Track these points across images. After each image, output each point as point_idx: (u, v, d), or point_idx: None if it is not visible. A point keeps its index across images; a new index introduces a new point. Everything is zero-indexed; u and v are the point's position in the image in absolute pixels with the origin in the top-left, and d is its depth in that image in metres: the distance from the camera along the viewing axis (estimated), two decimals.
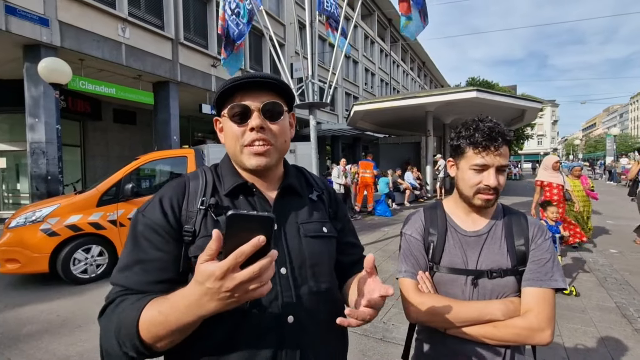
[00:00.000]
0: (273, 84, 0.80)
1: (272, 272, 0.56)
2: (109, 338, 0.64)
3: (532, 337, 0.89)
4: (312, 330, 0.78)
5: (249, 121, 0.78)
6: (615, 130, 25.07)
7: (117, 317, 0.64)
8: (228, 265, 0.51)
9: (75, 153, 11.35)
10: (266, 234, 0.53)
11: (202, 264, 0.54)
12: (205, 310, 0.56)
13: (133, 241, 0.74)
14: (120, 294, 0.69)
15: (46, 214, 4.31)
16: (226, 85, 0.78)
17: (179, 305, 0.58)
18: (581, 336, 2.88)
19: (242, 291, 0.54)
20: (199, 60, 11.19)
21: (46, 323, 3.36)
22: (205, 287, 0.54)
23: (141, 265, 0.71)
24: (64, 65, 5.79)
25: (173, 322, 0.58)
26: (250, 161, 0.80)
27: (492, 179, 0.95)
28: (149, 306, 0.63)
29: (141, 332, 0.60)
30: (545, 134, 69.78)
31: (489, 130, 0.95)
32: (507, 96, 11.51)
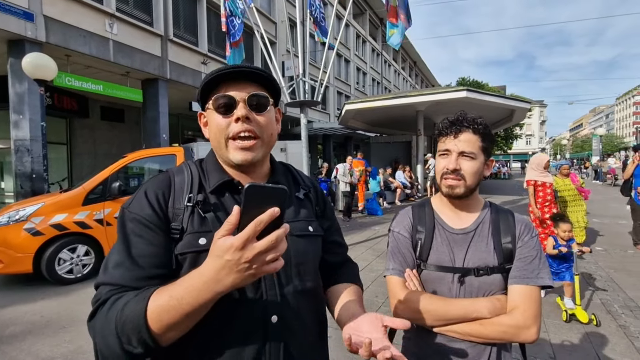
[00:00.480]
0: (259, 75, 0.79)
1: (285, 245, 0.57)
2: (107, 337, 0.61)
3: (518, 335, 0.89)
4: (295, 329, 0.78)
5: (235, 112, 0.76)
6: (601, 131, 25.54)
7: (118, 314, 0.61)
8: (248, 234, 0.52)
9: (62, 151, 11.12)
10: (280, 206, 0.54)
11: (219, 238, 0.55)
12: (223, 285, 0.56)
13: (122, 238, 0.72)
14: (113, 292, 0.66)
15: (30, 213, 4.20)
16: (211, 75, 0.76)
17: (196, 283, 0.57)
18: (567, 333, 2.93)
19: (259, 262, 0.54)
20: (188, 57, 11.05)
21: (30, 324, 3.28)
22: (224, 259, 0.54)
23: (134, 261, 0.69)
24: (49, 61, 5.65)
25: (188, 304, 0.57)
26: (236, 156, 0.77)
27: (452, 162, 0.97)
28: (155, 295, 0.61)
29: (150, 322, 0.59)
30: (533, 134, 70.97)
31: (454, 118, 1.00)
32: (496, 96, 11.65)
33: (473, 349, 0.96)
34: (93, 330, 0.65)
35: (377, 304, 3.57)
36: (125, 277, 0.67)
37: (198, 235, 0.73)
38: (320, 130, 18.52)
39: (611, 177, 18.12)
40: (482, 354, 0.96)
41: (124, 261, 0.69)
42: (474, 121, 0.98)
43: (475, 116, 1.00)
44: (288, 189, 0.87)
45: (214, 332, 0.70)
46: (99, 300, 0.66)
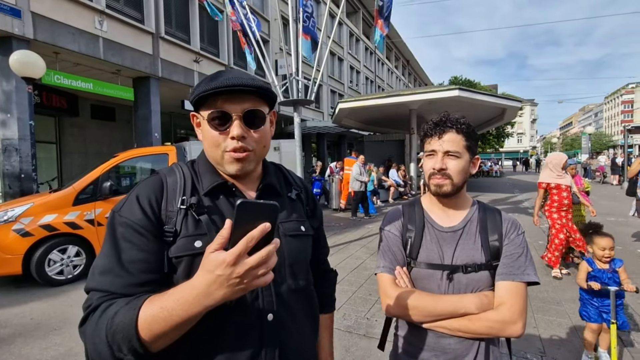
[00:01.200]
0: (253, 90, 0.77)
1: (275, 259, 0.57)
2: (98, 345, 0.61)
3: (505, 330, 0.92)
4: (290, 327, 0.79)
5: (230, 129, 0.76)
6: (590, 129, 26.05)
7: (109, 323, 0.61)
8: (239, 250, 0.53)
9: (51, 150, 10.94)
10: (271, 221, 0.54)
11: (212, 252, 0.55)
12: (213, 299, 0.56)
13: (112, 243, 0.71)
14: (104, 299, 0.65)
15: (19, 214, 4.14)
16: (207, 90, 0.73)
17: (187, 296, 0.57)
18: (556, 328, 2.98)
19: (250, 277, 0.55)
20: (180, 55, 10.95)
21: (19, 326, 3.24)
22: (215, 274, 0.54)
23: (123, 267, 0.68)
24: (37, 59, 5.55)
25: (178, 316, 0.58)
26: (231, 167, 0.78)
27: (438, 162, 0.99)
28: (146, 305, 0.61)
29: (141, 331, 0.59)
30: (524, 132, 71.86)
31: (437, 120, 1.03)
32: (488, 95, 11.76)
33: (462, 344, 0.98)
34: (84, 336, 0.65)
35: (370, 302, 3.59)
36: (114, 283, 0.67)
37: (193, 239, 0.73)
38: (314, 129, 18.51)
39: (600, 175, 18.44)
40: (471, 349, 0.98)
41: (114, 267, 0.68)
42: (457, 121, 1.01)
43: (458, 116, 1.02)
44: (279, 189, 0.89)
45: (211, 332, 0.71)
46: (89, 306, 0.66)
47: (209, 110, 0.76)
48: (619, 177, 15.87)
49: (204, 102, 0.77)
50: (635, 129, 16.50)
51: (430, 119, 1.05)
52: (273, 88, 5.73)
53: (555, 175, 4.21)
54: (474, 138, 1.03)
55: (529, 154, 58.58)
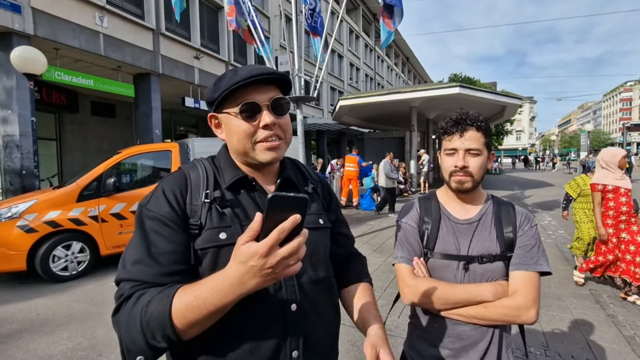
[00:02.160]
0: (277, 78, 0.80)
1: (304, 250, 0.59)
2: (132, 332, 0.63)
3: (519, 316, 0.95)
4: (312, 316, 0.82)
5: (260, 118, 0.78)
6: (589, 127, 26.03)
7: (143, 311, 0.63)
8: (272, 242, 0.54)
9: (51, 147, 10.92)
10: (301, 213, 0.56)
11: (243, 244, 0.56)
12: (246, 289, 0.59)
13: (142, 235, 0.73)
14: (136, 289, 0.68)
15: (23, 210, 4.14)
16: (236, 83, 0.75)
17: (221, 286, 0.60)
18: (558, 322, 3.02)
19: (282, 267, 0.57)
20: (181, 51, 10.92)
21: (26, 322, 3.26)
22: (248, 265, 0.56)
23: (153, 258, 0.71)
24: (39, 55, 5.53)
25: (212, 304, 0.60)
26: (264, 155, 0.80)
27: (460, 160, 1.01)
28: (180, 293, 0.63)
29: (175, 320, 0.61)
30: (523, 130, 71.99)
31: (457, 117, 1.04)
32: (488, 92, 11.79)
33: (477, 331, 1.01)
34: (117, 325, 0.67)
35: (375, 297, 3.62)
36: (145, 273, 0.69)
37: (218, 231, 0.75)
38: (314, 126, 18.51)
39: None
40: (485, 335, 1.02)
41: (143, 258, 0.70)
42: (476, 119, 1.02)
43: (475, 114, 1.04)
44: (297, 183, 0.91)
45: (237, 321, 0.73)
46: (122, 295, 0.68)
47: (235, 104, 0.78)
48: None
49: (226, 99, 0.79)
50: (634, 127, 16.56)
51: (449, 117, 1.06)
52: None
53: (613, 176, 3.47)
54: (490, 134, 1.06)
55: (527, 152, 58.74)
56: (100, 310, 3.50)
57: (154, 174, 5.29)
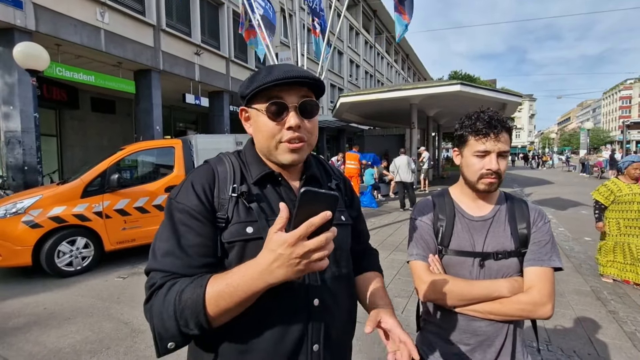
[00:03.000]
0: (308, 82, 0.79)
1: (332, 246, 0.60)
2: (165, 320, 0.66)
3: (535, 311, 0.97)
4: (333, 310, 0.84)
5: (286, 119, 0.78)
6: (588, 125, 26.08)
7: (176, 299, 0.65)
8: (300, 233, 0.56)
9: (51, 143, 10.91)
10: (332, 210, 0.58)
11: (274, 233, 0.59)
12: (275, 277, 0.61)
13: (171, 228, 0.75)
14: (167, 279, 0.70)
15: (28, 206, 4.16)
16: (266, 83, 0.76)
17: (251, 272, 0.62)
18: (560, 318, 3.06)
19: (308, 259, 0.58)
20: (181, 48, 10.89)
21: (34, 316, 3.28)
22: (277, 253, 0.58)
23: (183, 250, 0.72)
24: (41, 51, 5.51)
25: (243, 291, 0.63)
26: (286, 157, 0.81)
27: (494, 164, 1.01)
28: (212, 282, 0.66)
29: (208, 307, 0.64)
30: (523, 128, 71.99)
31: (489, 118, 1.02)
32: (489, 90, 11.81)
33: (492, 327, 1.03)
34: (150, 313, 0.69)
35: None
36: (175, 265, 0.71)
37: (245, 225, 0.77)
38: None
39: (597, 170, 18.57)
40: (500, 331, 1.04)
41: (174, 250, 0.72)
42: (507, 121, 1.03)
43: (502, 114, 1.05)
44: (321, 180, 0.92)
45: (262, 313, 0.75)
46: (154, 285, 0.70)
47: (264, 101, 0.78)
48: (617, 172, 16.00)
49: (257, 95, 0.79)
50: (633, 125, 16.61)
51: (473, 115, 1.05)
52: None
53: None
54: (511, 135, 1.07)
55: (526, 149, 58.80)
56: (107, 304, 3.53)
57: (157, 170, 5.30)
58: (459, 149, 1.13)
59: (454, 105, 13.60)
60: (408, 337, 0.71)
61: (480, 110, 1.07)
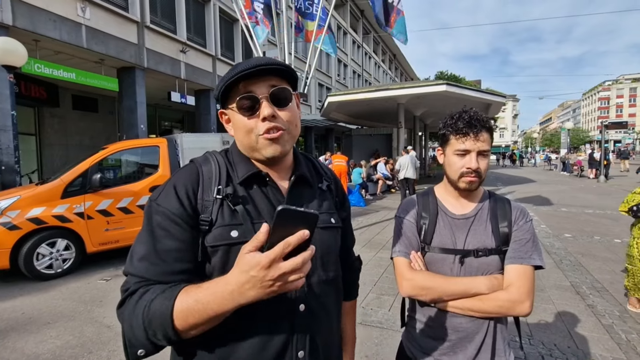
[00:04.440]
0: (276, 69, 0.77)
1: (309, 266, 0.58)
2: (135, 329, 0.64)
3: (514, 309, 0.99)
4: (320, 316, 0.81)
5: (259, 111, 0.75)
6: (569, 125, 26.83)
7: (145, 308, 0.64)
8: (275, 254, 0.53)
9: (30, 142, 10.55)
10: (310, 229, 0.55)
11: (247, 253, 0.56)
12: (245, 299, 0.58)
13: (149, 231, 0.72)
14: (140, 285, 0.68)
15: (5, 207, 4.02)
16: (230, 78, 0.74)
17: (221, 292, 0.59)
18: (541, 313, 3.14)
19: (283, 281, 0.56)
20: (166, 45, 10.68)
21: (11, 321, 3.18)
22: (249, 275, 0.55)
23: (159, 255, 0.70)
24: (18, 46, 5.33)
25: (212, 310, 0.60)
26: (268, 150, 0.77)
27: (474, 162, 1.03)
28: (182, 295, 0.63)
29: (176, 321, 0.61)
30: (506, 127, 73.55)
31: (469, 118, 1.04)
32: (474, 90, 12.02)
33: (472, 323, 1.05)
34: (121, 318, 0.67)
35: (365, 291, 3.68)
36: (150, 271, 0.69)
37: (230, 228, 0.73)
38: (302, 122, 18.40)
39: (577, 169, 19.15)
40: (481, 328, 1.05)
41: (149, 255, 0.70)
42: (487, 120, 1.04)
43: (482, 114, 1.06)
44: (310, 180, 0.89)
45: (245, 320, 0.72)
46: (127, 290, 0.68)
47: (235, 99, 0.76)
48: (595, 170, 16.53)
49: (229, 94, 0.77)
50: (611, 125, 17.16)
51: (455, 114, 1.07)
52: None
53: None
54: (492, 134, 1.09)
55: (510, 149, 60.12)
56: (88, 308, 3.44)
57: (141, 169, 5.19)
58: (442, 148, 1.14)
59: (440, 105, 13.78)
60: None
61: (462, 110, 1.08)
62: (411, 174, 9.70)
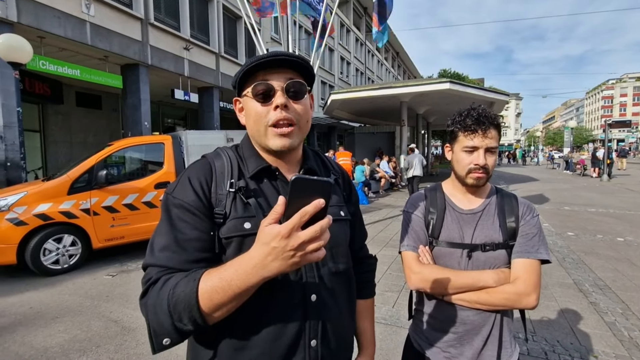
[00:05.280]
0: (295, 62, 0.79)
1: (328, 235, 0.59)
2: (159, 315, 0.65)
3: (520, 301, 1.01)
4: (331, 306, 0.83)
5: (273, 100, 0.77)
6: (572, 123, 26.83)
7: (170, 293, 0.64)
8: (293, 223, 0.55)
9: (35, 139, 10.62)
10: (325, 198, 0.56)
11: (267, 226, 0.57)
12: (269, 271, 0.59)
13: (168, 223, 0.74)
14: (163, 274, 0.69)
15: (12, 203, 4.06)
16: (250, 64, 0.76)
17: (245, 267, 0.60)
18: (544, 310, 3.16)
19: (303, 250, 0.57)
20: (170, 42, 10.70)
21: (19, 315, 3.22)
22: (270, 246, 0.56)
23: (180, 245, 0.72)
24: (24, 43, 5.37)
25: (237, 286, 0.61)
26: (275, 142, 0.79)
27: (481, 159, 1.05)
28: (205, 276, 0.64)
29: (201, 301, 0.62)
30: (509, 126, 73.21)
31: (478, 115, 1.06)
32: (477, 88, 11.99)
33: (479, 316, 1.07)
34: (145, 308, 0.67)
35: None
36: (172, 260, 0.71)
37: (243, 220, 0.76)
38: None
39: (580, 168, 19.08)
40: (487, 320, 1.08)
41: (170, 245, 0.72)
42: (495, 117, 1.06)
43: (491, 111, 1.08)
44: (319, 173, 0.92)
45: (259, 310, 0.75)
46: (149, 279, 0.69)
47: (251, 86, 0.79)
48: (598, 169, 16.48)
49: (246, 82, 0.80)
50: (615, 124, 17.08)
51: (464, 112, 1.09)
52: None
53: None
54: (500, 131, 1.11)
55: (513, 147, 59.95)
56: (95, 303, 3.48)
57: (146, 166, 5.22)
58: (450, 145, 1.16)
59: (443, 103, 13.76)
60: None
61: (471, 107, 1.10)
62: (419, 172, 9.93)
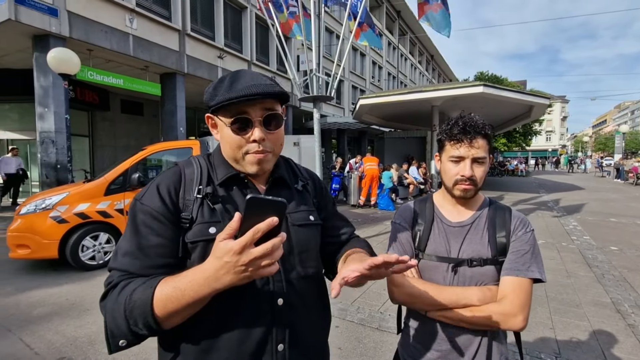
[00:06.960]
0: (271, 93, 0.79)
1: (281, 252, 0.61)
2: (117, 318, 0.67)
3: (506, 322, 0.95)
4: (300, 310, 0.84)
5: (251, 132, 0.80)
6: (625, 128, 24.50)
7: (127, 298, 0.67)
8: (246, 240, 0.58)
9: (84, 143, 11.54)
10: (279, 216, 0.59)
11: (221, 241, 0.60)
12: (221, 284, 0.62)
13: (133, 228, 0.77)
14: (123, 278, 0.72)
15: (55, 202, 4.43)
16: (230, 99, 0.76)
17: (198, 279, 0.63)
18: (574, 329, 2.93)
19: (255, 266, 0.60)
20: (205, 51, 11.22)
21: (56, 306, 3.50)
22: (223, 260, 0.60)
23: (142, 251, 0.75)
24: (72, 56, 5.88)
25: (190, 296, 0.64)
26: (252, 168, 0.83)
27: (467, 170, 1.00)
28: (161, 284, 0.67)
29: (156, 309, 0.65)
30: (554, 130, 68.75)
31: (464, 124, 1.01)
32: (513, 91, 11.38)
33: (464, 336, 1.02)
34: (104, 310, 0.71)
35: (384, 296, 3.63)
36: (133, 265, 0.73)
37: (208, 225, 0.78)
38: (335, 125, 18.52)
39: (633, 176, 17.50)
40: (474, 340, 1.02)
41: (133, 251, 0.75)
42: (484, 126, 1.01)
43: (481, 119, 1.03)
44: (288, 181, 0.94)
45: (225, 312, 0.77)
46: (110, 283, 0.73)
47: (228, 114, 0.80)
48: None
49: (222, 107, 0.80)
50: None
51: (452, 120, 1.05)
52: (294, 84, 5.81)
53: None
54: (490, 141, 1.05)
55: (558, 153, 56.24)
56: None
57: None
58: (439, 154, 1.13)
59: (477, 107, 13.21)
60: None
61: (459, 115, 1.06)
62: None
